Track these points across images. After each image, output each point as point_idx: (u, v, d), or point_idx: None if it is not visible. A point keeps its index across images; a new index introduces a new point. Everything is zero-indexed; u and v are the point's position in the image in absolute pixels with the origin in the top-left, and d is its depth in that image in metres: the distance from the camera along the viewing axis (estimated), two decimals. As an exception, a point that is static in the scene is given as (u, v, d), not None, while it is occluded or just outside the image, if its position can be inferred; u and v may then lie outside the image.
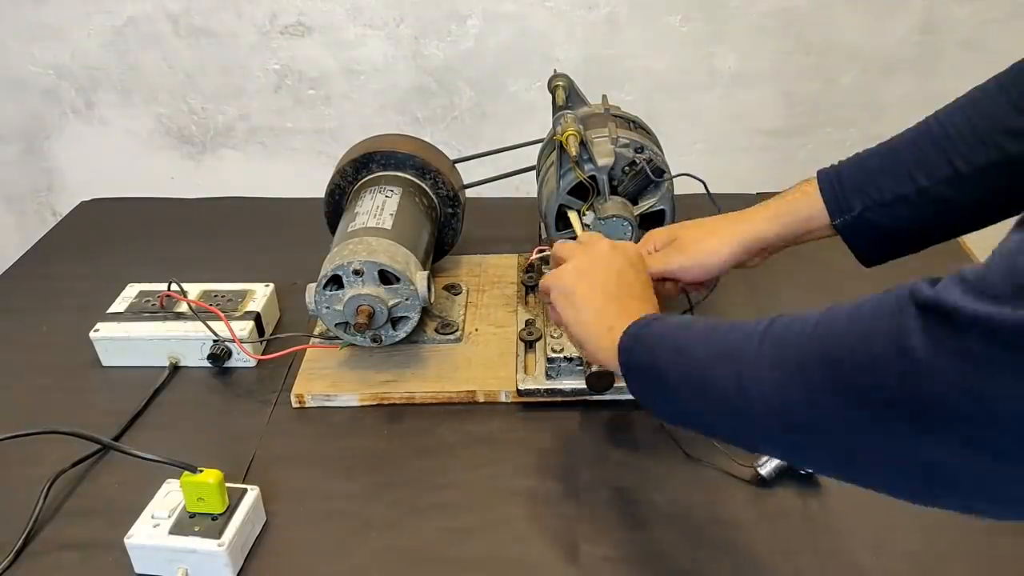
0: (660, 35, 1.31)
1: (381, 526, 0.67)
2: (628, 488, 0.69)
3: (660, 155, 0.80)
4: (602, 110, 0.85)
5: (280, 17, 1.33)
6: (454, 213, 0.92)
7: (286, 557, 0.64)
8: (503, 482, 0.70)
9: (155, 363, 0.84)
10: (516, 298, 0.90)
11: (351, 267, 0.75)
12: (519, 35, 1.32)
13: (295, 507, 0.68)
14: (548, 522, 0.66)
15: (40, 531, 0.67)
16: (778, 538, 0.64)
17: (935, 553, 0.62)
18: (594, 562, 0.63)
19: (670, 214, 0.78)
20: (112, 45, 1.36)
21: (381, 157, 0.88)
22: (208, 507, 0.63)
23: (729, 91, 1.33)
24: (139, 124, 1.44)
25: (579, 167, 0.75)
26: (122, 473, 0.72)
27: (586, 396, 0.76)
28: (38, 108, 1.43)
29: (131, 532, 0.63)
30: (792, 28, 1.26)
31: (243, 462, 0.73)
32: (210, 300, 0.86)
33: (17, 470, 0.72)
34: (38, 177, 1.51)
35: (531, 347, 0.82)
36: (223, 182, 1.43)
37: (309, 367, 0.82)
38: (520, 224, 1.03)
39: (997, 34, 1.26)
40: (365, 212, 0.82)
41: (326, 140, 1.42)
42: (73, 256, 1.07)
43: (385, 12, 1.32)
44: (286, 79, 1.38)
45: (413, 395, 0.79)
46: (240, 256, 1.04)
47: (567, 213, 0.80)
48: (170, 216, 1.16)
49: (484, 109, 1.38)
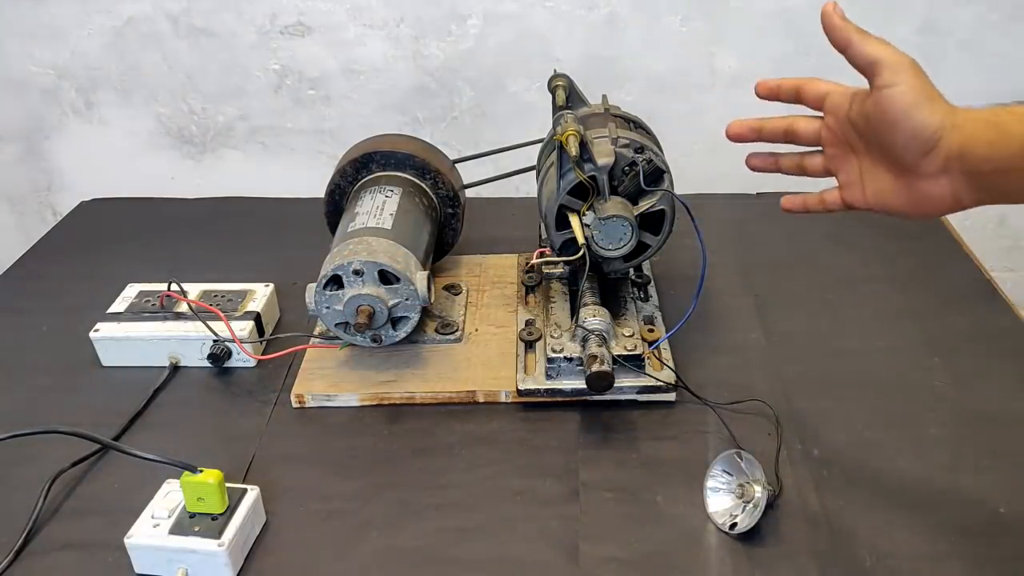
0: (660, 35, 1.30)
1: (381, 526, 0.67)
2: (628, 488, 0.69)
3: (660, 155, 0.80)
4: (602, 110, 0.85)
5: (280, 17, 1.33)
6: (454, 213, 0.92)
7: (286, 557, 0.64)
8: (503, 482, 0.70)
9: (155, 363, 0.84)
10: (516, 298, 0.90)
11: (351, 267, 0.75)
12: (519, 35, 1.32)
13: (295, 507, 0.68)
14: (548, 522, 0.66)
15: (40, 531, 0.67)
16: (778, 539, 0.64)
17: (935, 554, 0.62)
18: (594, 562, 0.63)
19: (670, 214, 0.78)
20: (112, 45, 1.36)
21: (381, 157, 0.88)
22: (208, 507, 0.63)
23: (729, 91, 1.33)
24: (139, 124, 1.43)
25: (579, 167, 0.75)
26: (122, 473, 0.72)
27: (586, 396, 0.76)
28: (38, 108, 1.43)
29: (131, 532, 0.63)
30: (792, 28, 1.26)
31: (243, 462, 0.73)
32: (210, 300, 0.86)
33: (17, 470, 0.72)
34: (38, 177, 1.51)
35: (531, 347, 0.82)
36: (223, 182, 1.43)
37: (309, 367, 0.82)
38: (520, 224, 1.03)
39: (997, 35, 1.26)
40: (365, 212, 0.82)
41: (326, 140, 1.42)
42: (73, 256, 1.07)
43: (385, 12, 1.31)
44: (286, 79, 1.37)
45: (413, 395, 0.79)
46: (240, 256, 1.04)
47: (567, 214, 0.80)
48: (170, 216, 1.16)
49: (484, 109, 1.38)
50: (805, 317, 0.89)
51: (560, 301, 0.85)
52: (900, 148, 0.55)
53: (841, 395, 0.78)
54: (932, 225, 1.05)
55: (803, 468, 0.70)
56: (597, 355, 0.72)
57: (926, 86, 0.55)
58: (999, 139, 0.51)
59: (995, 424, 0.74)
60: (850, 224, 1.05)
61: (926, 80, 0.55)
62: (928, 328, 0.86)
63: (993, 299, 0.91)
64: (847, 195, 0.61)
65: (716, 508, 0.66)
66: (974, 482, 0.68)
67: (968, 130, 0.53)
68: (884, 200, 0.59)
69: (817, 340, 0.86)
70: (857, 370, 0.81)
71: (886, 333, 0.86)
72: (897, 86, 0.54)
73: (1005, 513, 0.65)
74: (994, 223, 1.46)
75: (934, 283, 0.94)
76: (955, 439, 0.73)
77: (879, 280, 0.95)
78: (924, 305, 0.90)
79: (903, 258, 0.98)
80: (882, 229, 1.04)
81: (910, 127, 0.54)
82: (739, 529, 0.64)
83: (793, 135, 0.63)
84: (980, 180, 0.53)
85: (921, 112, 0.54)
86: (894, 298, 0.91)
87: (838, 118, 0.60)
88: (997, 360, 0.82)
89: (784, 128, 0.64)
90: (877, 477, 0.69)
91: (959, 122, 0.53)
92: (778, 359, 0.83)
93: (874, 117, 0.56)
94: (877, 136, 0.57)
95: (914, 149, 0.54)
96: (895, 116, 0.55)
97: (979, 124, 0.53)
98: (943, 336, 0.85)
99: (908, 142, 0.55)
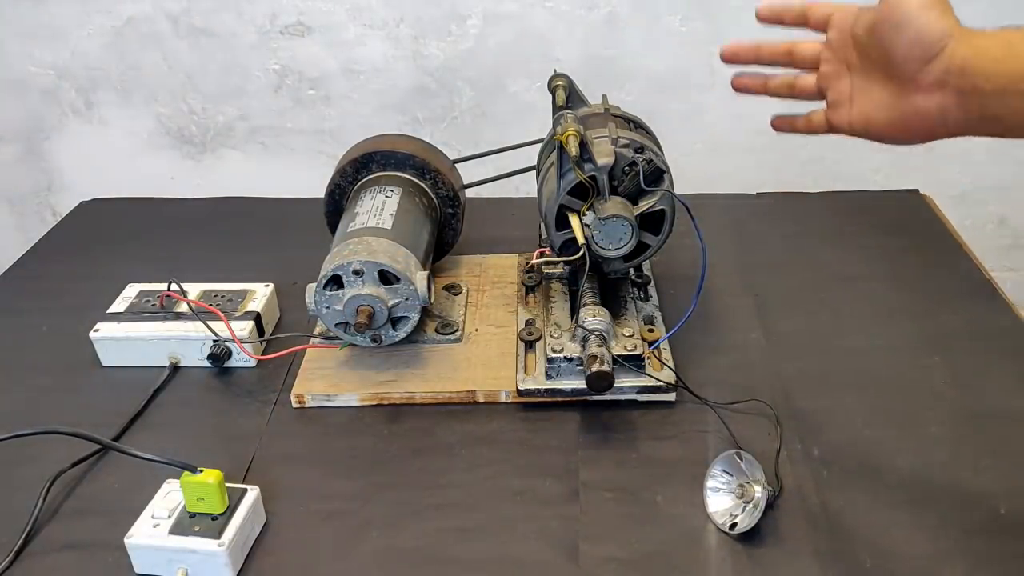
0: (660, 35, 1.31)
1: (381, 526, 0.67)
2: (628, 488, 0.69)
3: (660, 155, 0.80)
4: (602, 110, 0.85)
5: (280, 17, 1.33)
6: (454, 213, 0.92)
7: (286, 557, 0.64)
8: (503, 482, 0.70)
9: (155, 363, 0.84)
10: (516, 298, 0.90)
11: (351, 267, 0.75)
12: (519, 35, 1.32)
13: (295, 507, 0.68)
14: (548, 522, 0.66)
15: (40, 531, 0.67)
16: (778, 539, 0.64)
17: (936, 553, 0.62)
18: (594, 562, 0.63)
19: (670, 214, 0.78)
20: (112, 45, 1.36)
21: (381, 157, 0.88)
22: (208, 507, 0.63)
23: (729, 91, 1.32)
24: (139, 124, 1.44)
25: (579, 167, 0.75)
26: (122, 473, 0.72)
27: (586, 396, 0.76)
28: (38, 108, 1.43)
29: (131, 532, 0.63)
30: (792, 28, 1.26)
31: (243, 462, 0.73)
32: (210, 300, 0.86)
33: (17, 470, 0.72)
34: (38, 177, 1.51)
35: (531, 347, 0.82)
36: (223, 182, 1.43)
37: (309, 367, 0.82)
38: (520, 224, 1.03)
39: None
40: (365, 212, 0.82)
41: (326, 140, 1.42)
42: (73, 256, 1.07)
43: (385, 12, 1.32)
44: (286, 79, 1.37)
45: (413, 395, 0.79)
46: (240, 256, 1.04)
47: (567, 214, 0.80)
48: (170, 216, 1.16)
49: (484, 109, 1.38)
50: (805, 316, 0.89)
51: (560, 301, 0.85)
52: (903, 52, 0.54)
53: (841, 394, 0.78)
54: (932, 225, 1.05)
55: (803, 468, 0.70)
56: (597, 355, 0.72)
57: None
58: (1008, 56, 0.51)
59: (995, 423, 0.74)
60: (850, 223, 1.05)
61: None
62: (928, 327, 0.86)
63: (993, 298, 0.91)
64: (833, 115, 0.62)
65: (716, 508, 0.66)
66: (974, 481, 0.68)
67: (976, 43, 0.52)
68: (869, 117, 0.59)
69: (817, 339, 0.86)
70: (857, 369, 0.81)
71: (886, 332, 0.86)
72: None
73: (1005, 512, 0.65)
74: (994, 223, 1.46)
75: (934, 282, 0.94)
76: (955, 438, 0.73)
77: (879, 279, 0.95)
78: (924, 304, 0.90)
79: (903, 257, 0.98)
80: (882, 228, 1.04)
81: (916, 28, 0.53)
82: (739, 529, 0.64)
83: (793, 55, 0.64)
84: (975, 99, 0.52)
85: (931, 14, 0.53)
86: (894, 297, 0.91)
87: (841, 32, 0.61)
88: (997, 359, 0.82)
89: (784, 48, 0.64)
90: (877, 476, 0.69)
91: (967, 35, 0.53)
92: (778, 359, 0.83)
93: (881, 23, 0.56)
94: (880, 44, 0.56)
95: (917, 54, 0.54)
96: (904, 18, 0.54)
97: (988, 39, 0.52)
98: (943, 335, 0.85)
99: (912, 45, 0.54)
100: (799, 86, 0.65)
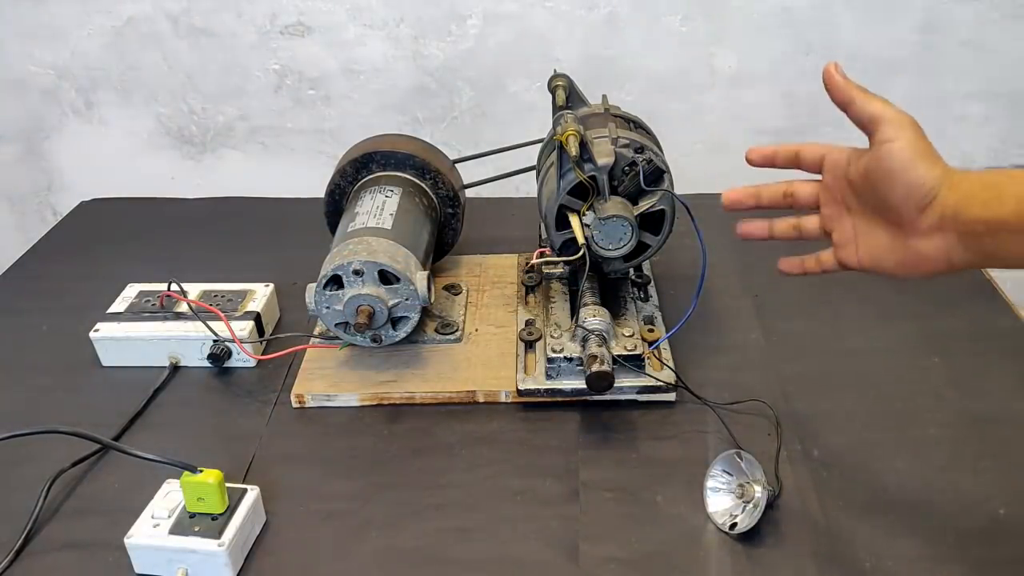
0: (660, 35, 1.30)
1: (381, 526, 0.67)
2: (628, 488, 0.69)
3: (660, 155, 0.80)
4: (602, 110, 0.85)
5: (280, 17, 1.33)
6: (454, 213, 0.92)
7: (286, 557, 0.64)
8: (503, 482, 0.70)
9: (155, 363, 0.84)
10: (516, 298, 0.90)
11: (351, 267, 0.75)
12: (519, 35, 1.32)
13: (295, 507, 0.68)
14: (548, 522, 0.66)
15: (40, 531, 0.67)
16: (778, 539, 0.64)
17: (935, 555, 0.62)
18: (594, 562, 0.63)
19: (670, 214, 0.78)
20: (112, 45, 1.36)
21: (381, 157, 0.88)
22: (208, 507, 0.63)
23: (729, 91, 1.33)
24: (139, 124, 1.43)
25: (579, 167, 0.75)
26: (122, 473, 0.72)
27: (586, 396, 0.76)
28: (38, 108, 1.43)
29: (131, 532, 0.63)
30: (792, 28, 1.26)
31: (243, 462, 0.73)
32: (210, 300, 0.86)
33: (17, 470, 0.72)
34: (38, 177, 1.51)
35: (531, 347, 0.82)
36: (223, 182, 1.43)
37: (309, 367, 0.82)
38: (520, 224, 1.03)
39: (997, 34, 1.26)
40: (365, 212, 0.82)
41: (326, 140, 1.42)
42: (73, 256, 1.07)
43: (385, 12, 1.31)
44: (286, 79, 1.37)
45: (413, 395, 0.79)
46: (240, 256, 1.04)
47: (567, 214, 0.80)
48: (170, 216, 1.16)
49: (484, 109, 1.38)
50: (805, 317, 0.89)
51: (560, 301, 0.85)
52: (897, 202, 0.56)
53: (841, 395, 0.78)
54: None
55: (803, 468, 0.70)
56: (597, 355, 0.72)
57: (925, 144, 0.56)
58: (993, 200, 0.52)
59: (995, 425, 0.74)
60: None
61: (925, 139, 0.56)
62: (928, 328, 0.86)
63: (993, 299, 0.91)
64: (841, 254, 0.63)
65: (716, 508, 0.66)
66: (973, 483, 0.68)
67: (964, 189, 0.54)
68: (877, 258, 0.60)
69: (817, 340, 0.86)
70: (857, 370, 0.81)
71: (886, 333, 0.86)
72: (897, 140, 0.55)
73: (1004, 514, 0.65)
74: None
75: (934, 283, 0.92)
76: (954, 440, 0.73)
77: (878, 280, 0.94)
78: (924, 305, 0.90)
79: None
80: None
81: (907, 181, 0.55)
82: (739, 529, 0.64)
83: (792, 197, 0.65)
84: (973, 241, 0.54)
85: (919, 167, 0.55)
86: (894, 298, 0.91)
87: (836, 176, 0.62)
88: (997, 360, 0.82)
89: (783, 191, 0.65)
90: (876, 477, 0.69)
91: (955, 181, 0.54)
92: (778, 359, 0.83)
93: (873, 171, 0.57)
94: (875, 191, 0.58)
95: (911, 204, 0.55)
96: (894, 169, 0.55)
97: (975, 184, 0.54)
98: (943, 336, 0.85)
99: (905, 196, 0.55)
100: (805, 228, 0.66)
